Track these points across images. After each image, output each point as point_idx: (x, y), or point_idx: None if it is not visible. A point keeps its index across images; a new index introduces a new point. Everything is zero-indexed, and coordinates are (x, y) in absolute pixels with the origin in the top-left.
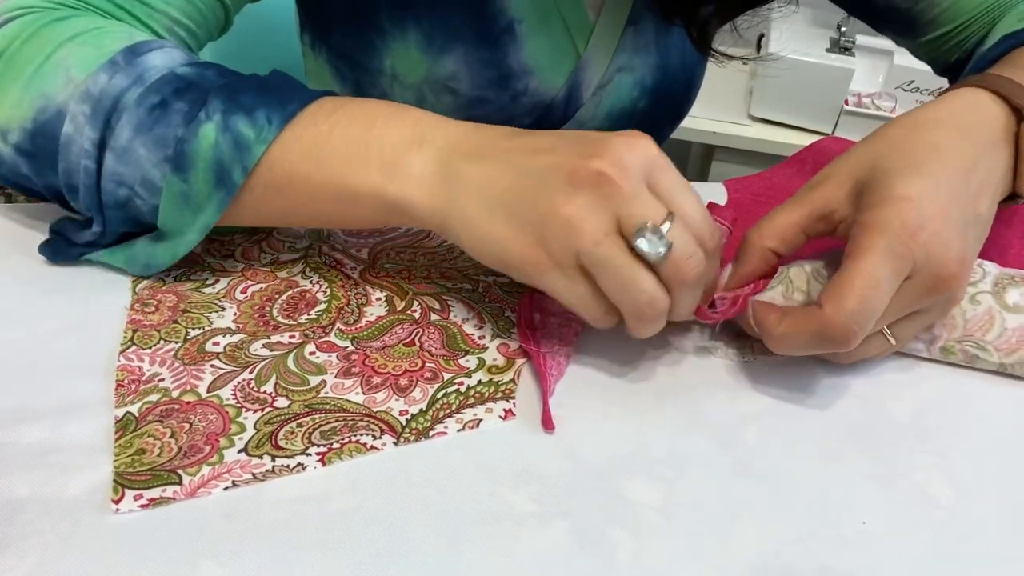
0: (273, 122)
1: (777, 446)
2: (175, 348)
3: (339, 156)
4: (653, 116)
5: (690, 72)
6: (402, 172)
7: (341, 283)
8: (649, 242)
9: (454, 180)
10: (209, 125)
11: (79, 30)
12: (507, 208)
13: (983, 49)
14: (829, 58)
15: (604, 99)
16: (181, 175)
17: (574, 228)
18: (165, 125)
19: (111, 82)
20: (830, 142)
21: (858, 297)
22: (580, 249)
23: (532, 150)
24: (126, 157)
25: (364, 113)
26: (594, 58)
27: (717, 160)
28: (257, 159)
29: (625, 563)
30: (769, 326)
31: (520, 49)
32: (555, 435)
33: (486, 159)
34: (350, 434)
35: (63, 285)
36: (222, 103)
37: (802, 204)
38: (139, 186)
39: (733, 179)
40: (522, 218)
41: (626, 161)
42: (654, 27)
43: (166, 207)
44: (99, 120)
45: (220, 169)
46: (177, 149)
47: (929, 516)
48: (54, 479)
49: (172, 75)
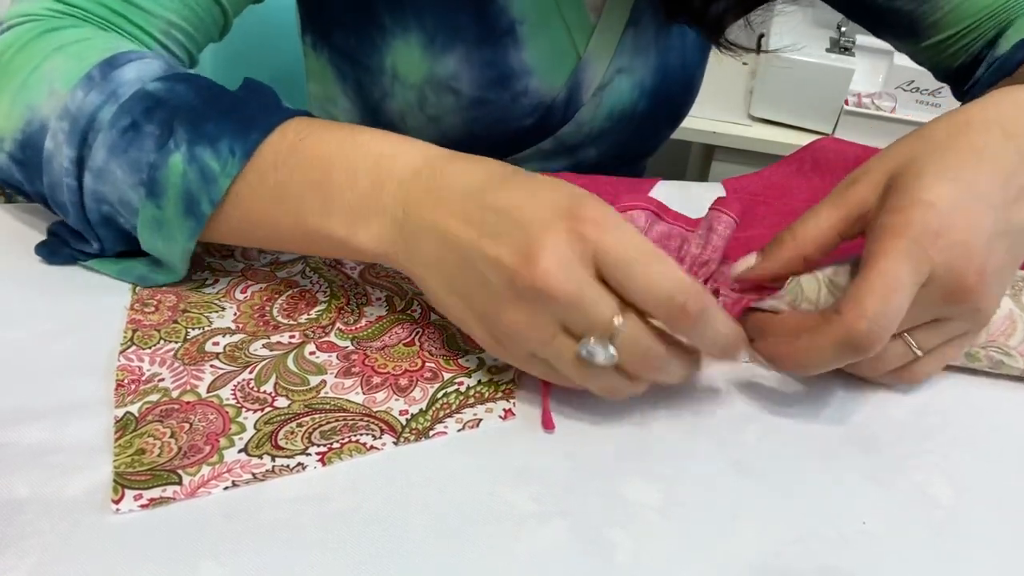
0: (236, 153)
1: (777, 446)
2: (175, 348)
3: (304, 204)
4: (652, 117)
5: (690, 74)
6: (364, 229)
7: (341, 283)
8: (595, 352)
9: (411, 248)
10: (177, 155)
11: (66, 41)
12: (460, 294)
13: (997, 53)
14: (829, 58)
15: (604, 100)
16: (155, 200)
17: (520, 335)
18: (138, 149)
19: (86, 99)
20: (829, 142)
21: (879, 298)
22: (530, 349)
23: (479, 232)
24: (104, 177)
25: (322, 157)
26: (594, 59)
27: (717, 160)
28: (223, 191)
29: (625, 563)
30: (784, 351)
31: (521, 49)
32: (555, 435)
33: (435, 232)
34: (350, 434)
35: (63, 285)
36: (187, 132)
37: (837, 206)
38: (119, 205)
39: (731, 178)
40: (475, 310)
41: (565, 260)
42: (654, 29)
43: (142, 231)
44: (76, 138)
45: (189, 199)
46: (150, 175)
47: (929, 516)
48: (54, 479)
49: (143, 92)
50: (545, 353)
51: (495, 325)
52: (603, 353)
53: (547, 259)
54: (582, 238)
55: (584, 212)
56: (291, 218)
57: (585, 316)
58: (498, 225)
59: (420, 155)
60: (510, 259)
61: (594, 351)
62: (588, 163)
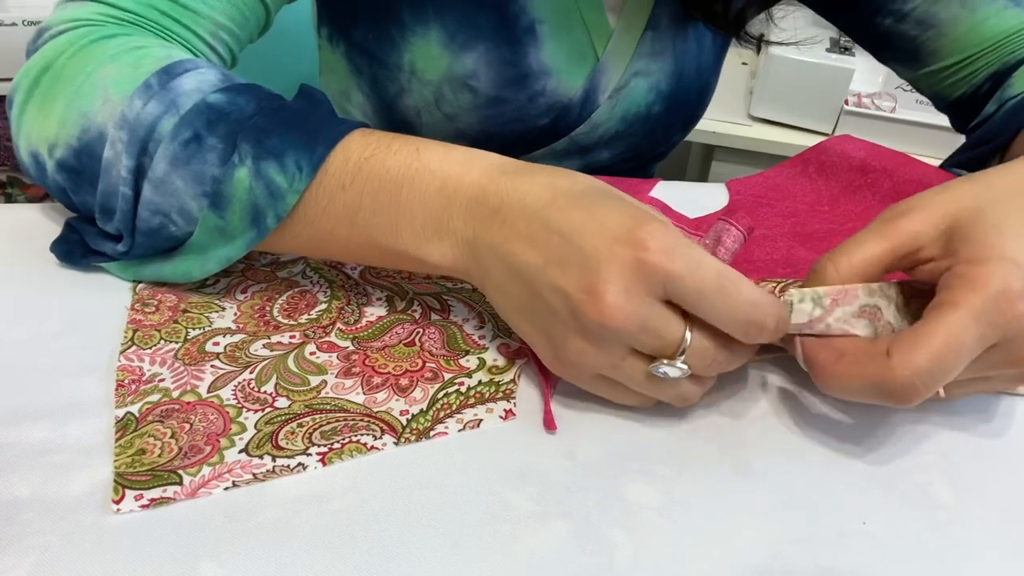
0: (303, 169)
1: (777, 446)
2: (175, 348)
3: (374, 224)
4: (666, 121)
5: (705, 80)
6: (436, 249)
7: (341, 283)
8: (669, 371)
9: (482, 269)
10: (243, 170)
11: (121, 49)
12: (527, 317)
13: (1010, 93)
14: (829, 58)
15: (620, 102)
16: (218, 212)
17: (588, 362)
18: (201, 162)
19: (145, 109)
20: (834, 142)
21: (934, 355)
22: (599, 371)
23: (544, 259)
24: (163, 188)
25: (390, 178)
26: (612, 61)
27: (717, 160)
28: (290, 208)
29: (625, 563)
30: (822, 363)
31: (540, 50)
32: (555, 435)
33: (504, 258)
34: (350, 434)
35: (63, 285)
36: (251, 148)
37: (885, 236)
38: (176, 214)
39: (735, 180)
40: (543, 333)
41: (631, 293)
42: (672, 33)
43: (200, 236)
44: (135, 148)
45: (255, 212)
46: (214, 188)
47: (930, 516)
48: (54, 479)
49: (204, 104)
50: (615, 375)
51: (562, 350)
52: (676, 370)
53: (612, 294)
54: (648, 267)
55: (649, 240)
56: (362, 237)
57: (654, 340)
58: (562, 250)
59: (485, 173)
60: (576, 293)
61: (668, 371)
62: (600, 165)
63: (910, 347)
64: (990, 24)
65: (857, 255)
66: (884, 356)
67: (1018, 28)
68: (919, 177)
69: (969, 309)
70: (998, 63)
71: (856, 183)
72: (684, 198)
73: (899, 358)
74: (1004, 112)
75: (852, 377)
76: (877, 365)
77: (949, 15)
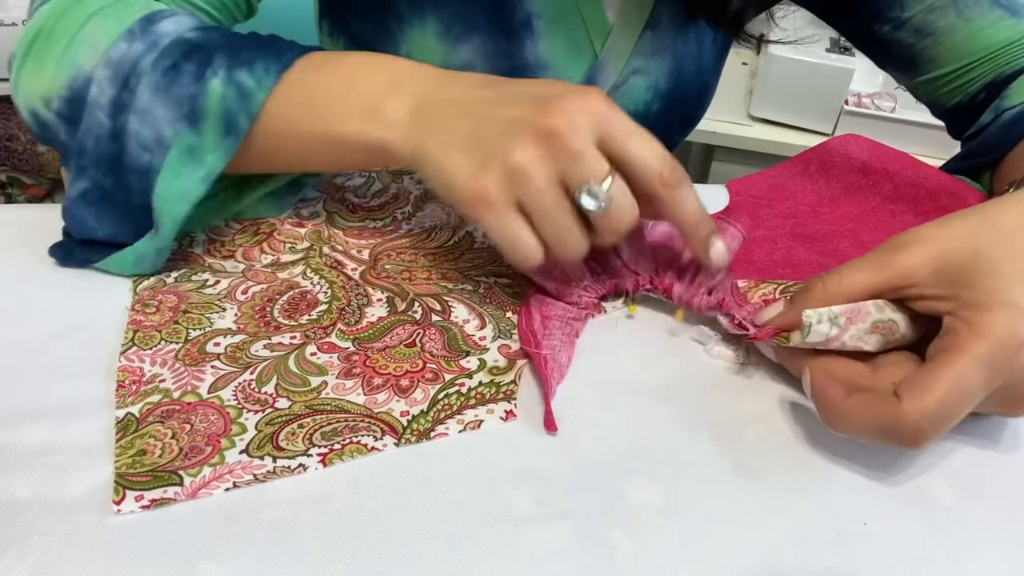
0: (271, 71)
1: (778, 447)
2: (176, 349)
3: (326, 107)
4: (665, 121)
5: (704, 80)
6: (379, 117)
7: (342, 284)
8: (589, 199)
9: (424, 123)
10: (216, 80)
11: (103, 5)
12: (466, 148)
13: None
14: (829, 58)
15: (617, 100)
16: (194, 128)
17: (521, 175)
18: (179, 86)
19: (129, 49)
20: (838, 142)
21: (943, 400)
22: (523, 193)
23: (496, 101)
24: (147, 118)
25: (347, 66)
26: (611, 58)
27: (717, 160)
28: (260, 104)
29: (625, 563)
30: (830, 400)
31: (537, 43)
32: (556, 436)
33: (454, 105)
34: (351, 435)
35: (63, 286)
36: (225, 59)
37: (880, 269)
38: (154, 145)
39: (735, 180)
40: (477, 158)
41: (576, 120)
42: (672, 33)
43: (170, 166)
44: (117, 82)
45: (228, 118)
46: (191, 105)
47: (930, 517)
48: (55, 480)
49: (181, 40)
50: (536, 202)
51: (498, 168)
52: (597, 201)
53: (563, 114)
54: (593, 109)
55: (595, 91)
56: (316, 125)
57: (586, 167)
58: (518, 98)
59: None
60: (529, 116)
61: (590, 197)
62: None
63: (920, 392)
64: (986, 34)
65: (848, 280)
66: (893, 399)
67: (1014, 39)
68: (921, 180)
69: (976, 355)
70: (993, 73)
71: (857, 184)
72: None
73: (910, 403)
74: (1001, 124)
75: (862, 419)
76: (887, 408)
77: (946, 24)
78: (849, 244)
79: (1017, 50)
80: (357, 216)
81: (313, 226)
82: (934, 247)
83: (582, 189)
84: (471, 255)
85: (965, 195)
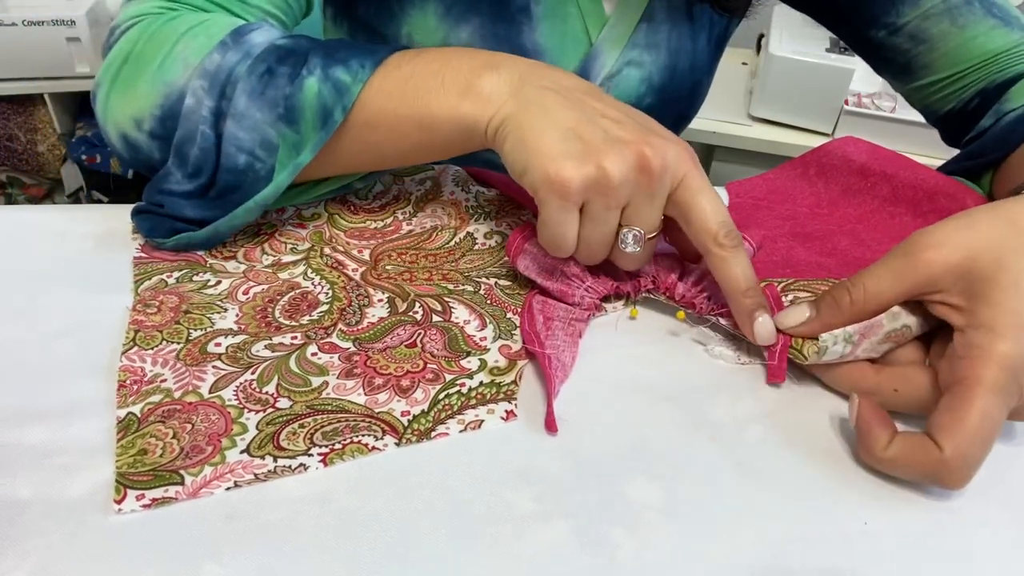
0: (366, 66)
1: (779, 446)
2: (177, 349)
3: (420, 89)
4: (657, 115)
5: (698, 78)
6: (475, 92)
7: (343, 284)
8: (631, 241)
9: (523, 99)
10: (312, 79)
11: (190, 25)
12: (564, 136)
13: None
14: (829, 58)
15: (611, 90)
16: (293, 127)
17: (605, 186)
18: (274, 88)
19: (223, 59)
20: (837, 144)
21: (975, 441)
22: (595, 201)
23: (601, 110)
24: (244, 122)
25: (442, 53)
26: (605, 48)
27: (717, 160)
28: (355, 96)
29: (626, 563)
30: (874, 442)
31: (534, 30)
32: (556, 436)
33: (557, 93)
34: (352, 435)
35: (64, 285)
36: (321, 59)
37: (903, 277)
38: (259, 148)
39: (735, 183)
40: (574, 149)
41: (669, 164)
42: (668, 27)
43: (282, 158)
44: (216, 90)
45: (324, 112)
46: (287, 105)
47: (932, 517)
48: (56, 480)
49: (273, 46)
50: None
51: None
52: (634, 245)
53: (661, 152)
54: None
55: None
56: (410, 107)
57: (650, 213)
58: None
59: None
60: (633, 136)
61: (631, 239)
62: None
63: (954, 434)
64: (979, 42)
65: (872, 290)
66: (934, 447)
67: (1006, 48)
68: (919, 182)
69: (994, 387)
70: (986, 80)
71: (855, 187)
72: None
73: (952, 451)
74: (1002, 126)
75: (907, 463)
76: (932, 456)
77: (940, 31)
78: (849, 243)
79: (1008, 58)
80: (358, 217)
81: (314, 227)
82: (958, 253)
83: (632, 229)
84: (472, 256)
85: (963, 197)
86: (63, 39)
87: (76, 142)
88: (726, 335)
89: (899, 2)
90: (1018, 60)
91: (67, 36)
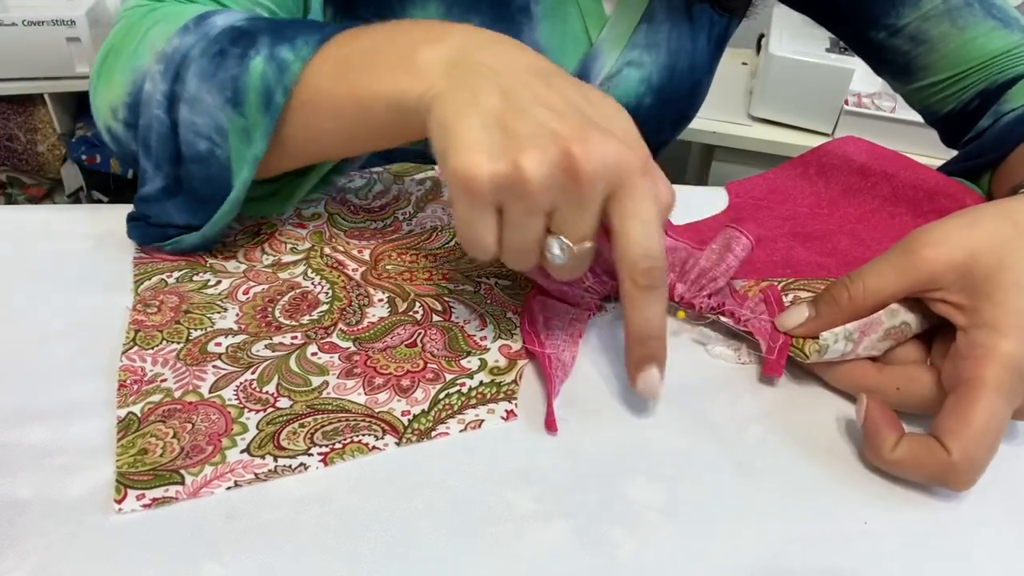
0: (309, 43)
1: (779, 445)
2: (177, 349)
3: (361, 67)
4: (657, 116)
5: (697, 78)
6: (414, 67)
7: (343, 284)
8: (558, 251)
9: (457, 77)
10: (258, 59)
11: (164, 15)
12: (485, 124)
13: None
14: (829, 58)
15: (611, 90)
16: (239, 110)
17: (520, 188)
18: (224, 70)
19: (181, 42)
20: (837, 144)
21: (984, 442)
22: (510, 204)
23: (542, 97)
24: (197, 106)
25: (393, 27)
26: (605, 48)
27: (717, 160)
28: (296, 76)
29: (626, 563)
30: (881, 444)
31: (534, 30)
32: (556, 435)
33: (497, 75)
34: (352, 434)
35: (64, 285)
36: (269, 38)
37: (905, 273)
38: (215, 134)
39: (735, 182)
40: (491, 140)
41: (602, 171)
42: (668, 28)
43: (234, 146)
44: (170, 73)
45: (267, 94)
46: (234, 87)
47: (932, 517)
48: (56, 479)
49: (230, 27)
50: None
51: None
52: (561, 256)
53: (597, 153)
54: (626, 168)
55: (643, 153)
56: (347, 85)
57: (577, 224)
58: (568, 104)
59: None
60: (569, 131)
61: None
62: None
63: (963, 438)
64: (979, 44)
65: (872, 287)
66: (940, 450)
67: (1006, 49)
68: (919, 182)
69: (999, 386)
70: (986, 81)
71: (856, 187)
72: (684, 202)
73: (959, 454)
74: (1001, 126)
75: (913, 466)
76: (939, 458)
77: (940, 33)
78: (849, 243)
79: (1008, 60)
80: (358, 217)
81: (314, 227)
82: (960, 252)
83: (558, 238)
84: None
85: (963, 197)
86: (63, 39)
87: (76, 142)
88: (726, 335)
89: (899, 3)
90: (1018, 61)
91: (67, 36)
